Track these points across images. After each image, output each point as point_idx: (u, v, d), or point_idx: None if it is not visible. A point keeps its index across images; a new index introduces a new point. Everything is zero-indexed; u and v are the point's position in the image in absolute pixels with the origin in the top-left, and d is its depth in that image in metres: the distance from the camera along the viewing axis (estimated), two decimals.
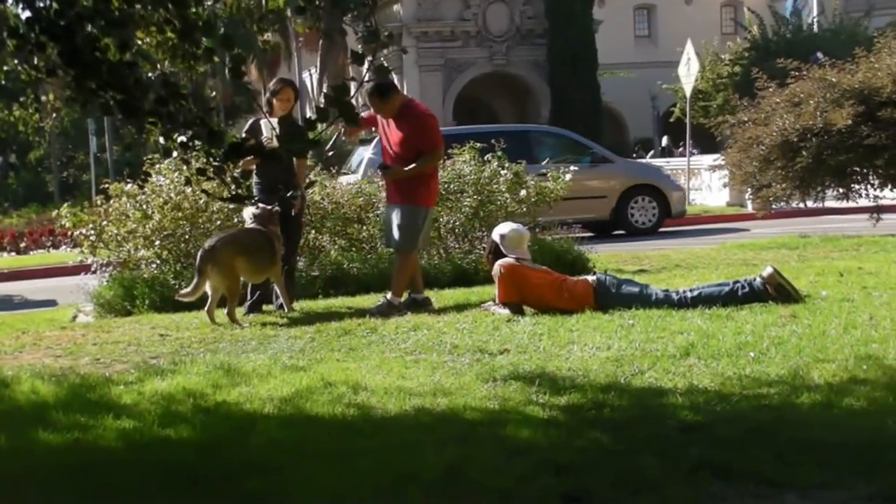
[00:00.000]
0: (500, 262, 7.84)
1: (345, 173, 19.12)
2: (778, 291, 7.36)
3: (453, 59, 36.99)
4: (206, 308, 8.35)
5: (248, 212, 8.67)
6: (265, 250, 8.48)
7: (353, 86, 5.48)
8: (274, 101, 8.82)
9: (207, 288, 8.32)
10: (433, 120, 8.60)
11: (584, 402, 4.89)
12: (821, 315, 6.73)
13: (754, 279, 7.47)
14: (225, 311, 8.31)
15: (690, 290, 7.56)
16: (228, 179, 4.59)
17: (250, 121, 9.17)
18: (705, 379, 5.21)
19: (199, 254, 8.34)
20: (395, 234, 8.48)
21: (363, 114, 8.28)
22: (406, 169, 8.32)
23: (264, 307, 8.88)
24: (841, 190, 14.15)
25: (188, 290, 8.39)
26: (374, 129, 8.92)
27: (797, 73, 14.17)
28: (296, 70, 38.35)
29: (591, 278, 7.85)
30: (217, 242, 8.38)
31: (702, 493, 3.64)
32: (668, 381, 5.23)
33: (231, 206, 9.69)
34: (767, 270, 7.49)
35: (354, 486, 3.84)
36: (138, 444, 4.57)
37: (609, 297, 7.52)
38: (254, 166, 8.25)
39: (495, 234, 8.09)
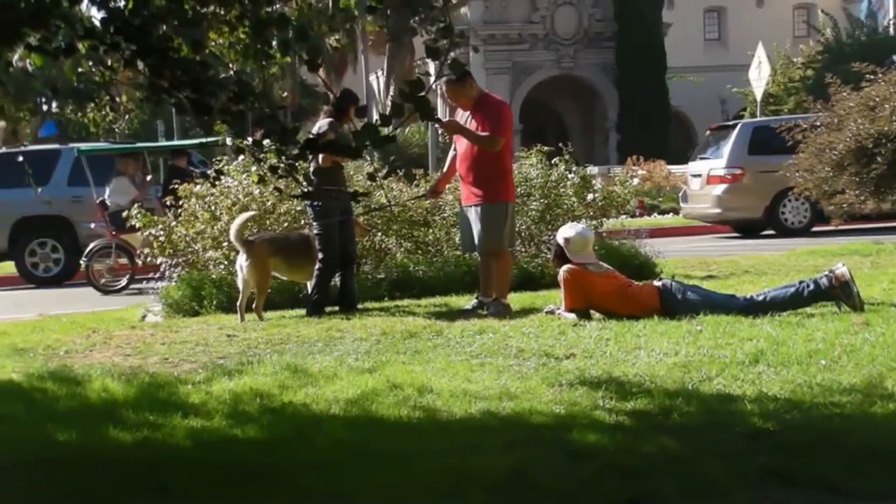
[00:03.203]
0: (564, 267, 7.75)
1: (704, 158, 18.97)
2: (842, 289, 7.21)
3: (520, 62, 36.93)
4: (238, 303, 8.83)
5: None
6: (301, 251, 8.97)
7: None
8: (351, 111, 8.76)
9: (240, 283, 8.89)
10: (506, 108, 8.71)
11: (651, 408, 4.84)
12: (895, 323, 6.60)
13: (822, 276, 7.34)
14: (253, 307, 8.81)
15: (758, 295, 7.46)
16: (301, 177, 4.63)
17: (325, 122, 8.95)
18: (775, 386, 5.13)
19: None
20: (481, 236, 8.39)
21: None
22: (466, 128, 8.36)
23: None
24: None
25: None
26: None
27: (872, 77, 13.90)
28: (362, 73, 38.44)
29: (657, 283, 7.78)
30: (256, 238, 8.93)
31: (768, 500, 3.59)
32: (737, 388, 5.17)
33: (298, 207, 9.78)
34: (840, 268, 7.33)
35: (415, 485, 3.85)
36: (206, 443, 4.62)
37: (675, 303, 7.43)
38: (330, 164, 8.42)
39: (559, 237, 8.01)
